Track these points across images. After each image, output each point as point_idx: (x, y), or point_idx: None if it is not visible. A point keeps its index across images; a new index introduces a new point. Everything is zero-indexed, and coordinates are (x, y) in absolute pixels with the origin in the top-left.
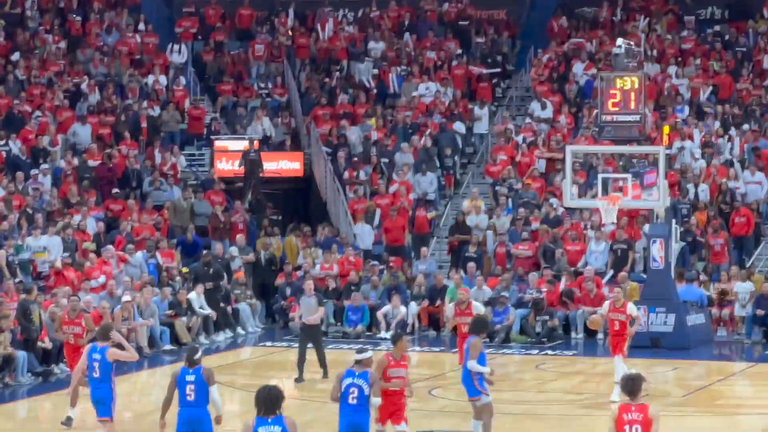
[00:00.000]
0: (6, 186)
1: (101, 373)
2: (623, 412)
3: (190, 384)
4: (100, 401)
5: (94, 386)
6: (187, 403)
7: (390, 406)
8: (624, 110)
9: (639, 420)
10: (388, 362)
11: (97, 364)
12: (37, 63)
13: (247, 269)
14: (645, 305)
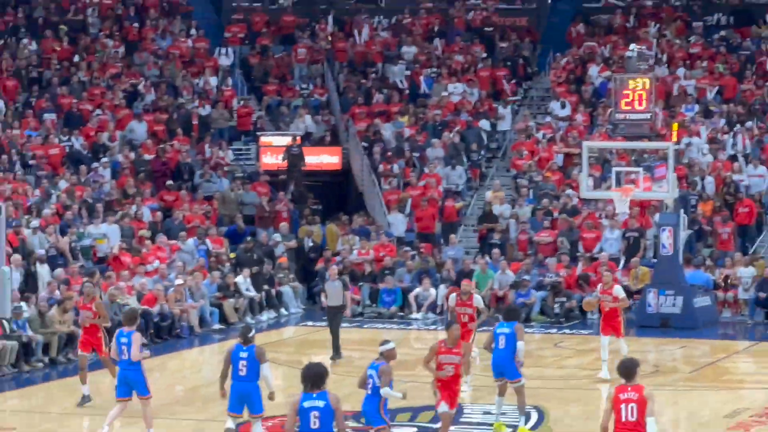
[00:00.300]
0: (69, 178)
1: (130, 356)
2: (620, 392)
3: (243, 360)
4: (133, 382)
5: (125, 368)
6: (240, 378)
7: (445, 390)
8: (636, 109)
9: (635, 399)
10: (439, 348)
11: (125, 347)
12: (98, 65)
13: (290, 255)
14: (655, 288)
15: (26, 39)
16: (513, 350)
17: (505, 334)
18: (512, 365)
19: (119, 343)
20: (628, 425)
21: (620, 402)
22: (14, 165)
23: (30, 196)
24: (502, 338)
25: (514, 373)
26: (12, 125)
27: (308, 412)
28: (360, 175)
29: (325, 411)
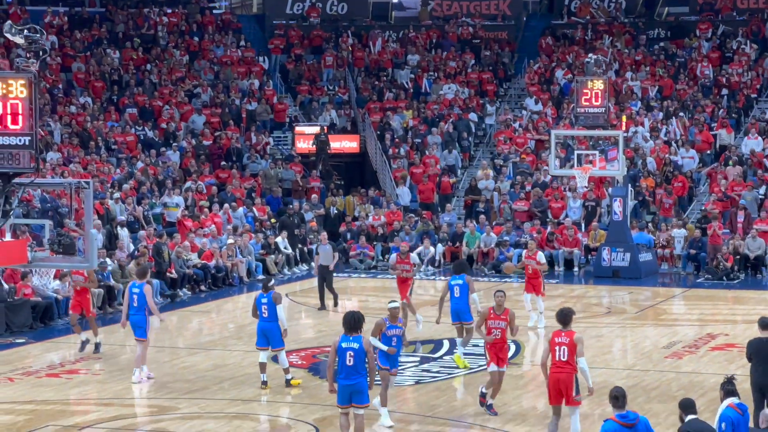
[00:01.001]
0: (143, 160)
1: (138, 304)
2: (555, 336)
3: (264, 305)
4: (137, 325)
5: (133, 313)
6: (263, 319)
7: (494, 351)
8: (593, 104)
9: (566, 343)
10: (489, 314)
11: (136, 297)
12: (166, 70)
13: (319, 220)
14: (608, 246)
15: (109, 49)
16: (467, 297)
17: (459, 285)
18: (467, 310)
19: (131, 293)
20: (560, 363)
21: (555, 344)
22: (100, 149)
23: (112, 174)
24: (456, 288)
25: (468, 316)
26: (98, 117)
27: (345, 351)
28: (374, 156)
29: (359, 351)
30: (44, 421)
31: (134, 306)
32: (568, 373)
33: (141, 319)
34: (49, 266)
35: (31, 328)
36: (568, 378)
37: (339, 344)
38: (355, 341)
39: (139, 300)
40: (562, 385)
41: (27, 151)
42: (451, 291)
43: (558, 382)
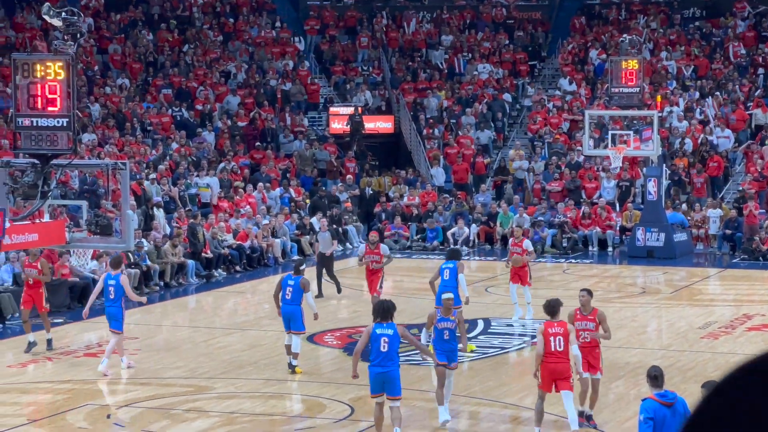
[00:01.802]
0: (178, 140)
1: (115, 295)
2: (548, 327)
3: (290, 287)
4: (113, 317)
5: (109, 305)
6: (286, 301)
7: (586, 356)
8: (627, 84)
9: (561, 332)
10: (575, 315)
11: (112, 288)
12: (201, 51)
13: (353, 200)
14: (643, 226)
15: (144, 31)
16: (455, 281)
17: (449, 269)
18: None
19: (106, 285)
20: (557, 354)
21: (549, 335)
22: (135, 130)
23: (148, 155)
24: (446, 271)
25: (457, 300)
26: (134, 99)
27: (380, 337)
28: (408, 137)
29: (393, 337)
30: (82, 400)
31: (110, 298)
32: (564, 363)
33: (118, 311)
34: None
35: (69, 309)
36: (565, 367)
37: (373, 330)
38: (389, 327)
39: (116, 291)
40: (557, 375)
41: (65, 132)
42: (441, 274)
43: (554, 372)
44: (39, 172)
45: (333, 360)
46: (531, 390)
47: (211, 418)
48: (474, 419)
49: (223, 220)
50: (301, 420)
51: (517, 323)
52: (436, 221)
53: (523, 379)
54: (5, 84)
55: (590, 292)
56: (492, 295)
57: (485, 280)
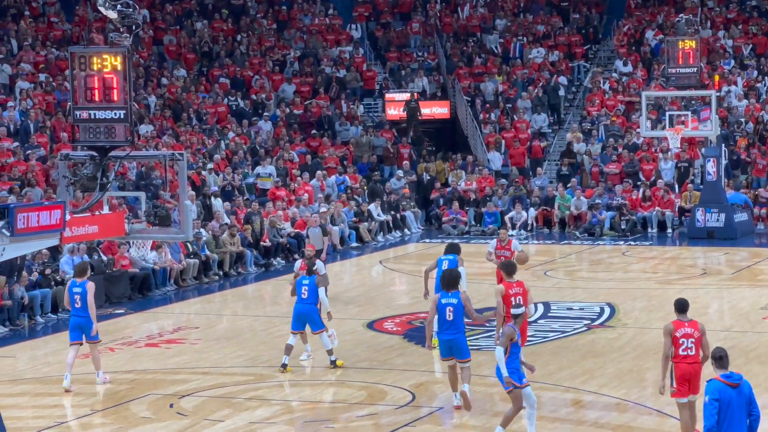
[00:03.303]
0: (235, 130)
1: (82, 304)
2: (508, 288)
3: (305, 286)
4: (83, 327)
5: (76, 315)
6: (302, 301)
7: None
8: (684, 65)
9: (520, 293)
10: (675, 326)
11: (78, 296)
12: (255, 40)
13: (411, 186)
14: (702, 207)
15: (199, 21)
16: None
17: (449, 260)
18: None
19: (72, 293)
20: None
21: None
22: (192, 120)
23: (205, 145)
24: (445, 262)
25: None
26: (190, 89)
27: (445, 307)
28: (464, 122)
29: (457, 306)
30: (144, 390)
31: (76, 307)
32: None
33: (87, 321)
34: (145, 238)
35: (130, 299)
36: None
37: (439, 301)
38: (454, 297)
39: (82, 300)
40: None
41: (122, 124)
42: (439, 265)
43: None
44: (97, 164)
45: (393, 347)
46: (592, 374)
47: (272, 407)
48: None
49: (280, 208)
50: (362, 407)
51: (574, 309)
52: (494, 206)
53: (584, 362)
54: (63, 77)
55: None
56: (551, 279)
57: (544, 264)
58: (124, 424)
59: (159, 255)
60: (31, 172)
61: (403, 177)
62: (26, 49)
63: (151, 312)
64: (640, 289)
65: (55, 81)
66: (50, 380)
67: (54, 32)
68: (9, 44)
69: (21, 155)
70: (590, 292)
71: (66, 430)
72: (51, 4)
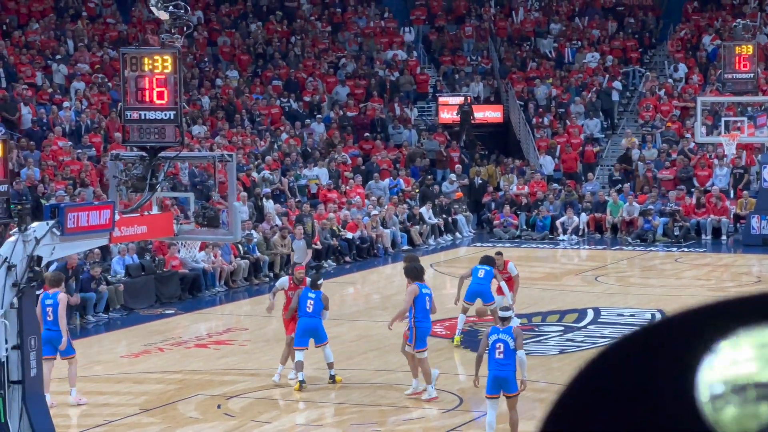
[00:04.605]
0: (288, 131)
1: (54, 317)
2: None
3: (311, 299)
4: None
5: (49, 329)
6: (307, 314)
7: None
8: (741, 70)
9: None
10: None
11: (50, 309)
12: (309, 42)
13: (463, 190)
14: (758, 214)
15: (253, 23)
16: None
17: (486, 270)
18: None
19: (44, 305)
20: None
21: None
22: (244, 122)
23: (257, 146)
24: (481, 271)
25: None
26: (243, 91)
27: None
28: (517, 126)
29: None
30: (193, 390)
31: (48, 320)
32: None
33: (59, 335)
34: (194, 239)
35: (180, 300)
36: None
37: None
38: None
39: (54, 312)
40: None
41: (172, 125)
42: (474, 274)
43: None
44: (147, 164)
45: (443, 350)
46: None
47: (319, 409)
48: None
49: (332, 210)
50: (410, 410)
51: (625, 313)
52: (545, 210)
53: None
54: (119, 78)
55: None
56: (602, 284)
57: (595, 269)
58: (172, 423)
59: (208, 255)
60: (84, 171)
61: (456, 181)
62: (82, 50)
63: (200, 313)
64: (693, 297)
65: (111, 81)
66: (100, 379)
67: (110, 33)
68: (66, 45)
69: (74, 155)
70: (641, 299)
71: (115, 428)
72: (107, 5)
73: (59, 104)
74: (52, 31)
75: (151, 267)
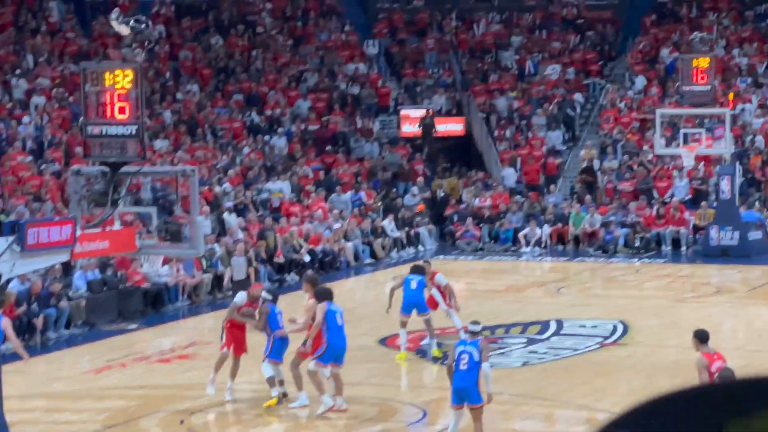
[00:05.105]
0: (250, 145)
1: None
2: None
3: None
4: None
5: None
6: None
7: None
8: (699, 82)
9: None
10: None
11: None
12: (271, 56)
13: (426, 202)
14: (717, 225)
15: (215, 37)
16: (422, 290)
17: (417, 280)
18: (423, 302)
19: None
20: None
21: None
22: (206, 135)
23: (219, 160)
24: (413, 282)
25: (425, 308)
26: (205, 105)
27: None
28: (479, 138)
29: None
30: (156, 406)
31: None
32: None
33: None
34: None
35: (143, 314)
36: None
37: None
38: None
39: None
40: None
41: (134, 140)
42: (406, 284)
43: None
44: (109, 179)
45: (405, 363)
46: (604, 392)
47: (282, 423)
48: (548, 421)
49: (294, 224)
50: (374, 423)
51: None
52: (508, 222)
53: (596, 381)
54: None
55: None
56: (564, 296)
57: (558, 281)
58: None
59: (171, 270)
60: (45, 187)
61: (418, 194)
62: (42, 65)
63: (163, 327)
64: (654, 307)
65: (72, 96)
66: (62, 395)
67: (70, 47)
68: (25, 60)
69: (35, 170)
70: (603, 310)
71: None
72: (68, 20)
73: (19, 119)
74: (12, 45)
75: (113, 282)
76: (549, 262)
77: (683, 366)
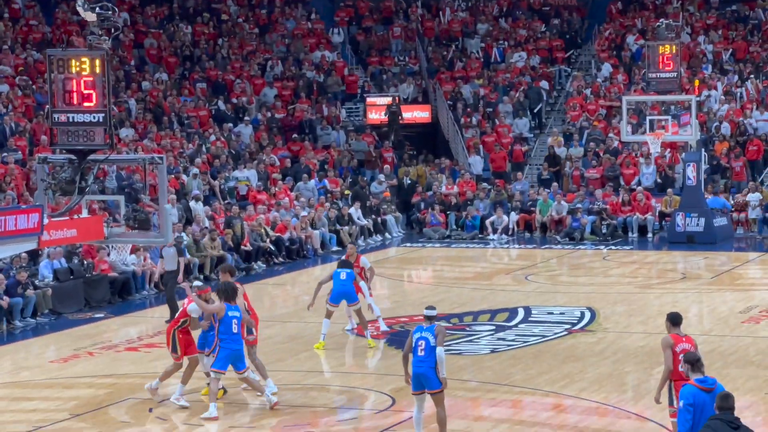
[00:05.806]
0: (216, 133)
1: None
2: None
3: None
4: None
5: None
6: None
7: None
8: (665, 69)
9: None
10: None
11: None
12: (237, 44)
13: (392, 190)
14: (682, 212)
15: (181, 24)
16: (352, 281)
17: (347, 272)
18: (353, 292)
19: None
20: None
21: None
22: (173, 124)
23: (185, 149)
24: (343, 274)
25: (354, 297)
26: (171, 93)
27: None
28: (446, 126)
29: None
30: (124, 394)
31: None
32: None
33: None
34: (125, 242)
35: (110, 303)
36: None
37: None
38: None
39: None
40: None
41: (101, 128)
42: (335, 278)
43: None
44: (76, 167)
45: (373, 351)
46: (572, 378)
47: (252, 411)
48: (516, 408)
49: (261, 212)
50: (343, 411)
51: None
52: (475, 210)
53: (564, 367)
54: (43, 80)
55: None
56: (532, 283)
57: (525, 268)
58: (103, 428)
59: (138, 258)
60: (10, 175)
61: (384, 181)
62: (5, 52)
63: (131, 316)
64: (621, 294)
65: (36, 84)
66: (28, 384)
67: (33, 35)
68: None
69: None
70: (571, 297)
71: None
72: (30, 7)
73: None
74: None
75: (79, 271)
76: (516, 249)
77: (650, 352)
